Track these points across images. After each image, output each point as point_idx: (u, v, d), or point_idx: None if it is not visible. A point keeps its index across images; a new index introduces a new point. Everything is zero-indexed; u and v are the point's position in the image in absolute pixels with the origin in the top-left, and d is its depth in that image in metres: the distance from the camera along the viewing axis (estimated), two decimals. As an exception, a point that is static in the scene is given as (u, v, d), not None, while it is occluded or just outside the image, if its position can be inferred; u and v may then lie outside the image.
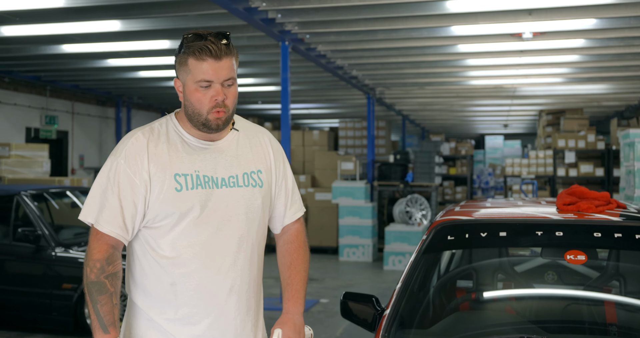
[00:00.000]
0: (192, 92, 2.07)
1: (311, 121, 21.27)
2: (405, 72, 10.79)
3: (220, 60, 2.04)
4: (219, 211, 2.10)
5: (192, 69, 2.05)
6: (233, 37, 7.04)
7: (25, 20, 7.41)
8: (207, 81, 2.04)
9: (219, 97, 2.05)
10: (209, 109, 2.06)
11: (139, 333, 2.10)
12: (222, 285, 2.09)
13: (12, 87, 12.08)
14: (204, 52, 2.02)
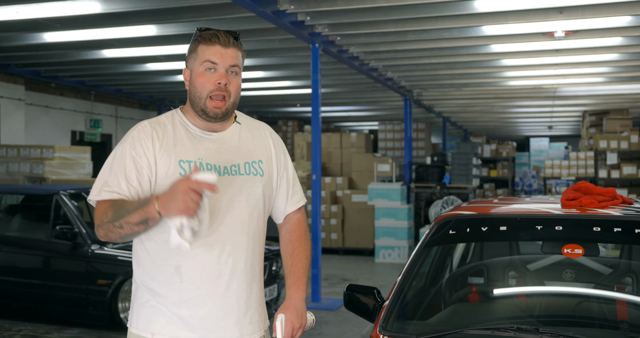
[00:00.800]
0: (197, 76, 2.17)
1: (351, 124, 21.33)
2: (440, 73, 10.77)
3: (227, 48, 2.18)
4: (221, 197, 2.17)
5: (201, 53, 2.18)
6: (265, 40, 7.18)
7: (66, 26, 7.71)
8: (212, 62, 2.15)
9: (222, 80, 2.15)
10: (209, 92, 2.15)
11: (148, 316, 2.18)
12: (224, 268, 2.18)
13: (59, 92, 12.51)
14: (214, 38, 2.17)
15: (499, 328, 2.35)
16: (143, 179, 2.14)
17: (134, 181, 2.13)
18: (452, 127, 20.95)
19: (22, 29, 7.95)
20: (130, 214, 2.00)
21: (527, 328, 2.31)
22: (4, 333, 6.16)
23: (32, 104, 11.75)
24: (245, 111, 16.82)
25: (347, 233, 12.41)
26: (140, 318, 2.20)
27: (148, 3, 6.60)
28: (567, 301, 2.87)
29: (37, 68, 10.89)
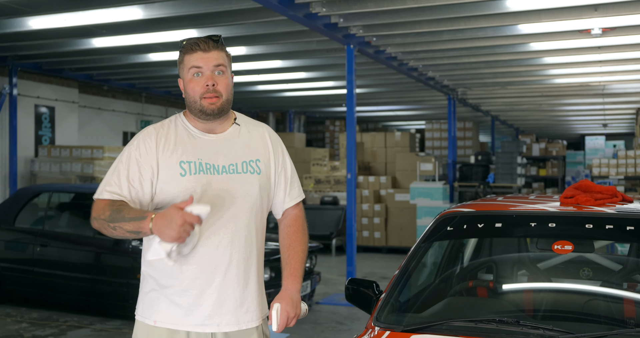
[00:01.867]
0: (187, 82, 2.35)
1: (399, 123, 21.33)
2: (481, 72, 10.74)
3: (208, 52, 2.33)
4: (218, 194, 2.34)
5: (186, 61, 2.35)
6: (302, 42, 7.35)
7: (111, 32, 8.06)
8: (197, 66, 2.31)
9: (209, 81, 2.31)
10: (201, 95, 2.32)
11: (151, 304, 2.37)
12: (221, 260, 2.33)
13: (111, 95, 13.01)
14: (194, 46, 2.34)
15: (482, 320, 2.44)
16: (145, 180, 2.30)
17: (135, 182, 2.30)
18: (503, 126, 20.71)
19: (72, 36, 8.35)
20: (125, 222, 2.16)
21: (508, 321, 2.40)
22: (52, 323, 6.52)
23: (86, 106, 12.27)
24: (292, 111, 17.10)
25: (390, 231, 12.48)
26: (145, 306, 2.38)
27: (185, 9, 6.85)
28: (565, 297, 2.93)
29: (90, 72, 11.36)
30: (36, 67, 10.47)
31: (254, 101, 15.61)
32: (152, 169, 2.31)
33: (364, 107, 16.40)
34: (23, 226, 7.37)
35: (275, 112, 18.01)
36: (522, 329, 2.35)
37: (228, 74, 2.38)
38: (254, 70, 10.96)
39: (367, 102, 15.53)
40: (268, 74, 11.41)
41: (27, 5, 6.87)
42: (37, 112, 10.89)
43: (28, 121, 10.69)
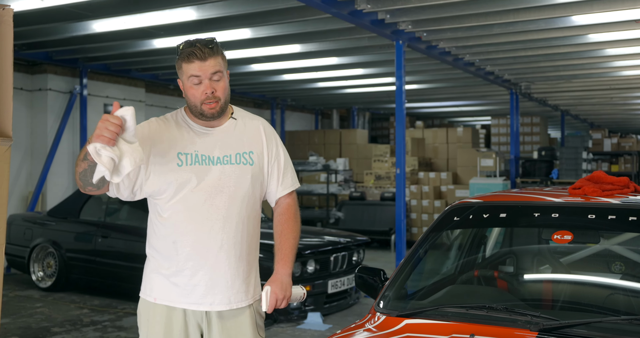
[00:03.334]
0: (187, 89, 2.51)
1: (465, 119, 21.07)
2: (541, 65, 10.52)
3: (205, 60, 2.46)
4: (213, 183, 2.52)
5: (184, 70, 2.50)
6: (354, 39, 7.45)
7: (169, 33, 8.40)
8: (195, 76, 2.46)
9: (208, 90, 2.47)
10: (201, 101, 2.48)
11: (152, 283, 2.56)
12: (213, 244, 2.51)
13: (177, 94, 13.47)
14: (191, 56, 2.47)
15: (473, 306, 2.50)
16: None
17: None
18: (575, 120, 20.11)
19: (133, 37, 8.73)
20: (79, 156, 2.34)
21: (497, 307, 2.45)
22: (110, 310, 6.89)
23: (153, 105, 12.76)
24: (355, 108, 17.19)
25: (450, 228, 12.38)
26: (147, 284, 2.58)
27: (234, 9, 7.07)
28: (574, 288, 2.93)
29: (155, 72, 11.82)
30: (105, 68, 10.98)
31: (316, 98, 15.80)
32: (147, 148, 2.46)
33: (427, 103, 16.31)
34: (87, 219, 7.81)
35: (339, 109, 18.15)
36: (510, 315, 2.40)
37: (225, 77, 2.54)
38: (311, 67, 11.13)
39: (430, 98, 15.45)
40: (326, 71, 11.54)
41: (88, 9, 7.25)
42: (106, 111, 11.42)
43: (97, 119, 11.16)
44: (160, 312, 2.52)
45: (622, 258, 3.22)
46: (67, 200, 8.21)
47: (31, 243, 8.10)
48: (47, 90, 10.43)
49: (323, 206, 14.01)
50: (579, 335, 2.25)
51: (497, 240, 3.36)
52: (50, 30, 8.40)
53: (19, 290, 8.04)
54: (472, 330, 2.33)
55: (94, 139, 2.19)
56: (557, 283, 2.93)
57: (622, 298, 2.81)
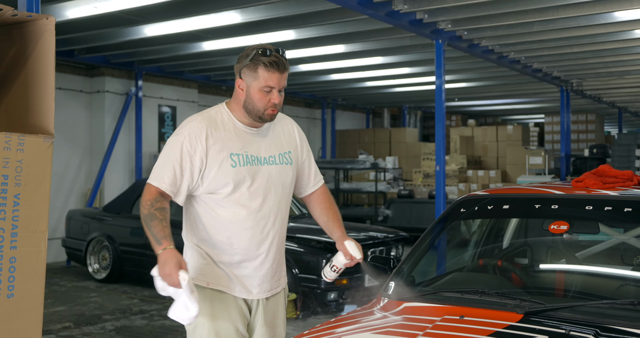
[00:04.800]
0: (255, 93, 2.61)
1: (518, 117, 20.82)
2: (589, 62, 10.41)
3: (283, 73, 2.61)
4: (264, 183, 2.70)
5: (261, 76, 2.58)
6: (395, 38, 7.58)
7: (216, 36, 8.73)
8: (271, 87, 2.59)
9: (277, 101, 2.62)
10: (266, 107, 2.62)
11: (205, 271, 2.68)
12: (266, 240, 2.71)
13: (229, 94, 13.85)
14: (273, 65, 2.58)
15: (468, 291, 2.65)
16: (195, 170, 2.60)
17: (186, 172, 2.58)
18: (635, 117, 19.63)
19: (183, 40, 9.10)
20: (149, 232, 2.50)
21: (489, 292, 2.60)
22: (158, 300, 7.24)
23: (205, 105, 13.17)
24: (406, 107, 17.26)
25: (498, 226, 12.35)
26: (199, 271, 2.70)
27: (276, 11, 7.32)
28: (575, 277, 3.03)
29: (207, 73, 12.22)
30: (159, 71, 11.44)
31: (366, 97, 15.96)
32: (202, 161, 2.60)
33: (478, 101, 16.25)
34: (138, 214, 8.18)
35: (390, 108, 18.25)
36: (500, 299, 2.54)
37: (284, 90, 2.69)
38: (357, 67, 11.30)
39: (480, 96, 15.39)
40: (372, 70, 11.70)
41: (138, 14, 7.64)
42: (160, 112, 11.90)
43: (152, 119, 11.70)
44: (212, 295, 2.67)
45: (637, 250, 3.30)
46: (120, 196, 8.65)
47: (88, 237, 8.57)
48: (104, 92, 10.95)
49: (372, 204, 14.16)
50: (563, 317, 2.37)
51: (506, 231, 3.48)
52: (106, 35, 8.84)
53: (77, 281, 8.52)
54: (462, 312, 2.49)
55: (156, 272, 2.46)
56: (561, 273, 3.04)
57: (632, 288, 2.90)
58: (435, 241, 3.18)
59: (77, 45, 9.44)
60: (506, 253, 3.31)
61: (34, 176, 3.13)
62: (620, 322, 2.31)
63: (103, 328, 6.03)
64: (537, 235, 3.43)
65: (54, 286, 8.11)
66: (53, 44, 3.27)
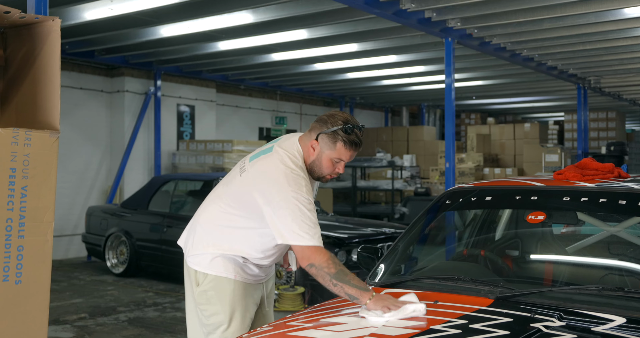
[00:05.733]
0: (326, 160, 2.81)
1: (539, 115, 20.71)
2: (605, 59, 10.37)
3: (357, 150, 2.82)
4: None
5: (338, 150, 2.77)
6: (406, 37, 7.67)
7: (230, 35, 8.91)
8: (343, 160, 2.81)
9: (342, 171, 2.85)
10: (328, 173, 2.84)
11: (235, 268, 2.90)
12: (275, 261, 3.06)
13: (247, 93, 14.07)
14: (353, 145, 2.78)
15: (445, 278, 2.77)
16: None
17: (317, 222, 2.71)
18: (658, 115, 19.43)
19: (198, 41, 9.30)
20: (349, 286, 2.57)
21: (464, 279, 2.71)
22: (172, 294, 7.44)
23: (224, 104, 13.40)
24: (424, 105, 17.30)
25: (514, 224, 12.36)
26: (230, 268, 2.91)
27: (286, 11, 7.47)
28: (555, 267, 3.12)
29: (225, 73, 12.42)
30: (177, 70, 11.66)
31: (384, 96, 16.03)
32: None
33: (496, 99, 16.23)
34: (154, 210, 8.42)
35: (409, 107, 18.30)
36: (475, 286, 2.65)
37: None
38: (372, 65, 11.39)
39: (498, 94, 15.37)
40: (387, 69, 11.79)
41: (153, 16, 7.84)
42: (179, 111, 12.12)
43: (171, 118, 11.94)
44: (241, 286, 2.93)
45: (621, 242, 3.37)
46: (137, 193, 8.87)
47: (106, 233, 8.81)
48: (124, 92, 11.21)
49: (389, 202, 14.24)
50: (532, 302, 2.48)
51: (494, 223, 3.57)
52: (124, 35, 9.07)
53: (96, 275, 8.77)
54: (437, 298, 2.61)
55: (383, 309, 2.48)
56: (543, 263, 3.14)
57: (617, 278, 2.98)
58: (421, 232, 3.29)
59: (96, 46, 9.69)
60: (492, 244, 3.40)
61: (41, 169, 3.31)
62: (584, 306, 2.41)
63: (117, 319, 6.24)
64: (524, 226, 3.52)
65: (74, 280, 8.36)
66: (58, 44, 3.45)
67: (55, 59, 3.45)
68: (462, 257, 3.29)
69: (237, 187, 2.88)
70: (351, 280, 2.58)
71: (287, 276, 6.86)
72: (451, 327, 2.27)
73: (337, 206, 13.56)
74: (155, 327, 5.93)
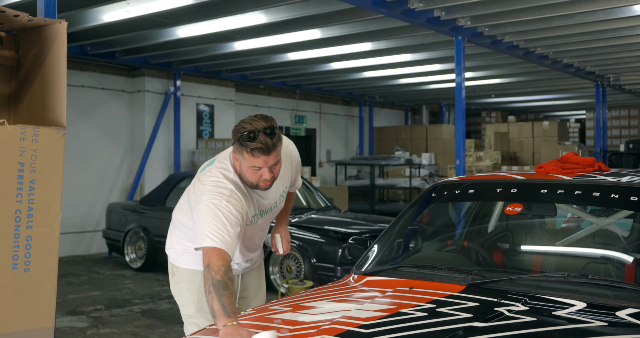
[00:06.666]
0: (246, 170, 2.73)
1: (560, 113, 20.59)
2: (621, 56, 10.36)
3: (269, 154, 2.64)
4: (261, 224, 3.04)
5: (248, 159, 2.66)
6: (418, 36, 7.74)
7: (245, 36, 9.09)
8: (258, 167, 2.69)
9: (268, 177, 2.73)
10: (258, 181, 2.76)
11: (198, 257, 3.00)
12: (252, 246, 3.13)
13: (266, 93, 14.27)
14: (256, 151, 2.61)
15: (424, 266, 2.90)
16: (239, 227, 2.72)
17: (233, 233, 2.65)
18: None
19: (214, 41, 9.50)
20: (218, 301, 2.39)
21: (440, 267, 2.84)
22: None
23: (243, 104, 13.61)
24: (444, 103, 17.32)
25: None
26: (199, 262, 2.97)
27: (297, 11, 7.62)
28: (535, 257, 3.23)
29: (244, 72, 12.62)
30: (196, 70, 11.90)
31: (403, 94, 16.11)
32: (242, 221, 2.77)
33: (515, 97, 16.20)
34: (171, 206, 8.63)
35: (429, 105, 18.34)
36: (450, 274, 2.78)
37: (280, 161, 2.76)
38: (388, 64, 11.49)
39: (516, 93, 15.35)
40: (403, 67, 11.88)
41: (168, 17, 8.05)
42: (198, 110, 12.36)
43: (190, 117, 12.18)
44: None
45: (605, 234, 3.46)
46: (155, 190, 9.10)
47: (125, 229, 9.06)
48: (144, 91, 11.47)
49: (407, 200, 14.33)
50: (502, 289, 2.59)
51: (477, 215, 3.67)
52: (143, 37, 9.31)
53: (115, 269, 9.02)
54: (413, 284, 2.74)
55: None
56: (526, 253, 3.25)
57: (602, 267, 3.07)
58: (407, 224, 3.41)
59: (117, 47, 9.95)
60: (476, 236, 3.51)
61: (48, 164, 3.50)
62: (550, 293, 2.51)
63: (131, 311, 6.46)
64: (508, 219, 3.62)
65: (93, 274, 8.62)
66: (65, 45, 3.64)
67: (62, 59, 3.64)
68: (446, 248, 3.41)
69: (190, 193, 3.01)
70: (225, 297, 2.41)
71: (297, 271, 7.03)
72: (419, 310, 2.40)
73: (355, 204, 13.69)
74: (166, 319, 6.13)
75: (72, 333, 5.58)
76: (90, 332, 5.64)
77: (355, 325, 2.28)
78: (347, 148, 16.54)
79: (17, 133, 3.38)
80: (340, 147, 16.35)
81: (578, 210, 3.32)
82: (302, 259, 6.91)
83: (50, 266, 3.60)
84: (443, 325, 2.23)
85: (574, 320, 2.29)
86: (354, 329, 2.23)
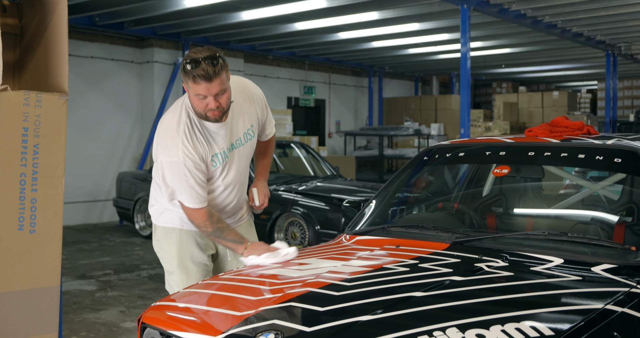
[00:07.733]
0: (192, 99, 2.79)
1: (572, 83, 20.42)
2: (632, 25, 10.25)
3: (212, 81, 2.68)
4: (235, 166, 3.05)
5: (191, 86, 2.73)
6: (424, 4, 7.73)
7: (250, 6, 9.10)
8: (202, 95, 2.73)
9: (213, 105, 2.75)
10: (205, 111, 2.79)
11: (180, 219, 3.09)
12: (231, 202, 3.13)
13: (275, 63, 14.28)
14: (198, 78, 2.68)
15: (411, 225, 2.99)
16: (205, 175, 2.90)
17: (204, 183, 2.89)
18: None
19: (221, 11, 9.52)
20: (225, 240, 2.94)
21: (427, 226, 2.92)
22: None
23: (252, 74, 13.63)
24: (454, 74, 17.23)
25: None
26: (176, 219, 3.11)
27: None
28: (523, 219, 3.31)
29: (252, 43, 12.63)
30: (205, 41, 11.93)
31: (413, 65, 16.04)
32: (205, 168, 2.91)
33: (526, 67, 16.10)
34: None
35: (440, 76, 18.26)
36: (437, 233, 2.87)
37: (228, 88, 2.78)
38: (395, 34, 11.45)
39: (526, 63, 15.24)
40: (411, 37, 11.83)
41: (174, -13, 8.10)
42: (207, 81, 12.40)
43: (199, 88, 12.23)
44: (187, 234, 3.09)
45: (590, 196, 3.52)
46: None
47: (135, 197, 9.22)
48: (153, 62, 11.54)
49: (415, 171, 14.38)
50: (485, 247, 2.68)
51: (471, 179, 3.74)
52: (151, 7, 9.34)
53: (125, 237, 9.21)
54: (399, 243, 2.83)
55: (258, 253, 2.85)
56: (516, 215, 3.33)
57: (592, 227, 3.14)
58: (399, 186, 3.50)
59: (125, 17, 9.99)
60: (467, 198, 3.59)
61: (51, 128, 3.60)
62: (530, 250, 2.60)
63: (138, 276, 6.63)
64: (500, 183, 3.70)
65: (104, 241, 8.81)
66: (66, 13, 3.71)
67: (63, 27, 3.72)
68: (437, 209, 3.50)
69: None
70: (227, 235, 2.93)
71: (302, 238, 7.16)
72: (402, 266, 2.50)
73: (364, 174, 13.77)
74: (173, 283, 6.30)
75: (81, 295, 5.76)
76: (98, 295, 5.81)
77: (339, 279, 2.38)
78: (357, 118, 16.56)
79: (20, 99, 3.47)
80: (349, 118, 16.38)
81: (567, 173, 3.39)
82: (306, 226, 7.04)
83: (55, 228, 3.72)
84: (423, 279, 2.33)
85: (550, 274, 2.38)
86: (337, 282, 2.33)
